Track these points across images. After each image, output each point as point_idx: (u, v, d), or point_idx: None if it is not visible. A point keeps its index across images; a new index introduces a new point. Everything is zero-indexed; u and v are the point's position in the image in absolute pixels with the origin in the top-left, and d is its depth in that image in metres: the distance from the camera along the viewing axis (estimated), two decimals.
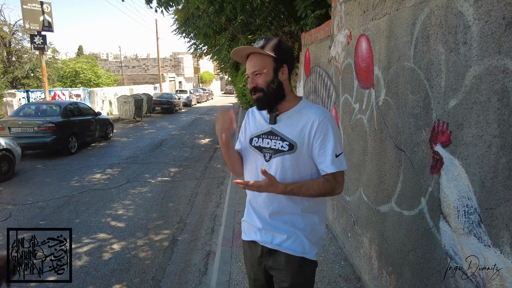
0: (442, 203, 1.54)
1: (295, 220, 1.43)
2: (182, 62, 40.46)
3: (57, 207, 4.91)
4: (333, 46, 3.24)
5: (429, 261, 1.66)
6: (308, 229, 1.44)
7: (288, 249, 1.42)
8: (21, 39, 18.04)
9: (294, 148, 1.38)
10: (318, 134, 1.36)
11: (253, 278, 1.59)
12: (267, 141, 1.43)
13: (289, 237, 1.42)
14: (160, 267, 3.35)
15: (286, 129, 1.41)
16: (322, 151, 1.36)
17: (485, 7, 1.23)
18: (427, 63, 1.63)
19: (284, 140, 1.40)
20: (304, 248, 1.43)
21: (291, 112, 1.43)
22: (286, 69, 1.42)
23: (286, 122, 1.42)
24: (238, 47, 1.42)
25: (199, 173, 6.88)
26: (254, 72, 1.39)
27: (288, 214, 1.43)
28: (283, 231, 1.43)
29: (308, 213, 1.45)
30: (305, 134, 1.37)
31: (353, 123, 2.77)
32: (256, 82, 1.39)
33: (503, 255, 1.19)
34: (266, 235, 1.46)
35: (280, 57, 1.39)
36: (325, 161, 1.35)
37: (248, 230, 1.55)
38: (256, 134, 1.49)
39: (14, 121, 8.29)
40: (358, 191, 2.72)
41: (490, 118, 1.22)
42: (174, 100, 21.41)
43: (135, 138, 11.25)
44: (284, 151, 1.39)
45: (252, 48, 1.39)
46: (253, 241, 1.52)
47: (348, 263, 3.03)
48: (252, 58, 1.41)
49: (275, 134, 1.42)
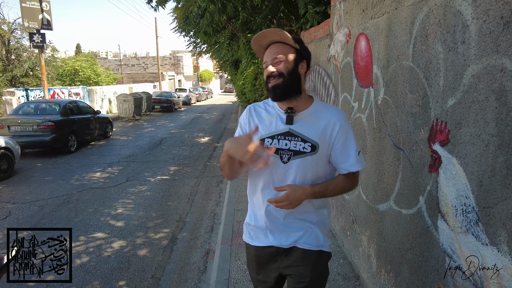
0: (440, 201, 1.54)
1: (309, 217, 1.44)
2: (181, 60, 40.41)
3: (56, 206, 4.91)
4: (332, 45, 3.24)
5: (427, 259, 1.67)
6: (320, 224, 1.47)
7: (305, 244, 1.42)
8: (20, 37, 18.00)
9: (316, 149, 1.35)
10: (339, 136, 1.36)
11: (262, 280, 1.55)
12: (285, 142, 1.36)
13: (305, 232, 1.43)
14: (160, 266, 3.36)
15: (306, 130, 1.36)
16: (344, 151, 1.37)
17: (484, 7, 1.23)
18: (425, 62, 1.63)
19: (306, 141, 1.35)
20: (319, 241, 1.44)
21: (308, 112, 1.39)
22: (305, 65, 1.40)
23: (305, 123, 1.37)
24: (263, 31, 1.35)
25: (199, 172, 6.88)
26: (275, 59, 1.34)
27: (302, 213, 1.43)
28: (298, 229, 1.43)
29: (319, 208, 1.47)
30: (326, 135, 1.36)
31: (352, 122, 2.77)
32: (276, 67, 1.34)
33: (500, 253, 1.19)
34: (280, 236, 1.44)
35: (302, 51, 1.39)
36: (349, 160, 1.38)
37: (256, 234, 1.49)
38: (269, 135, 1.39)
39: (13, 119, 8.28)
40: (357, 190, 2.73)
41: (488, 117, 1.23)
42: (174, 99, 21.39)
43: (134, 137, 11.25)
44: (306, 153, 1.35)
45: (279, 33, 1.34)
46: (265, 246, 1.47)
47: (347, 262, 3.04)
48: (274, 46, 1.36)
49: (294, 135, 1.36)
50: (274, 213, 1.42)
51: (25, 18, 11.97)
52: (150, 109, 18.72)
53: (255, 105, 1.50)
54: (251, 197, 1.51)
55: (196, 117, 17.63)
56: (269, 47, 1.38)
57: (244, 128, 1.48)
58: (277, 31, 1.34)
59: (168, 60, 40.44)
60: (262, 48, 1.40)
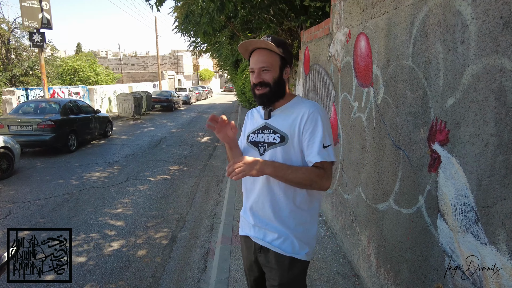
0: (440, 201, 1.55)
1: (287, 220, 1.43)
2: (181, 59, 40.40)
3: (56, 205, 4.92)
4: (332, 44, 3.24)
5: (427, 259, 1.68)
6: (299, 229, 1.45)
7: (278, 248, 1.44)
8: (20, 36, 17.99)
9: (285, 140, 1.40)
10: (307, 126, 1.38)
11: (248, 271, 1.63)
12: (261, 135, 1.47)
13: (280, 236, 1.44)
14: (160, 265, 3.37)
15: (278, 122, 1.45)
16: (311, 142, 1.36)
17: (483, 6, 1.23)
18: (425, 62, 1.63)
19: (276, 132, 1.43)
20: (294, 248, 1.44)
21: (285, 107, 1.48)
22: (288, 70, 1.48)
23: (279, 116, 1.47)
24: (250, 40, 1.43)
25: (199, 171, 6.89)
26: (262, 68, 1.41)
27: (280, 210, 1.44)
28: (275, 230, 1.44)
29: (299, 209, 1.44)
30: (295, 126, 1.40)
31: (352, 122, 2.78)
32: (262, 78, 1.41)
33: (499, 252, 1.19)
34: (259, 232, 1.49)
35: (286, 57, 1.45)
36: (312, 152, 1.35)
37: (244, 225, 1.60)
38: (252, 131, 1.53)
39: (13, 119, 8.28)
40: (356, 189, 2.73)
41: (487, 117, 1.23)
42: (174, 98, 21.38)
43: (134, 136, 11.25)
44: (276, 143, 1.41)
45: (265, 43, 1.40)
46: (247, 236, 1.57)
47: (346, 261, 3.04)
48: (261, 53, 1.42)
49: (268, 128, 1.47)
50: (254, 205, 1.49)
51: (25, 17, 11.95)
52: (150, 108, 18.71)
53: (252, 110, 1.65)
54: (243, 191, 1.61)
55: (196, 117, 17.62)
56: (255, 52, 1.44)
57: (243, 129, 1.63)
58: (261, 42, 1.42)
59: (168, 60, 40.44)
60: (248, 52, 1.48)
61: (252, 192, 1.51)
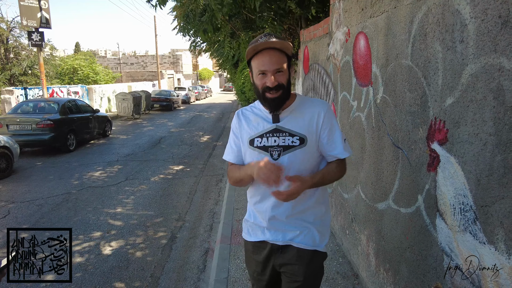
0: (439, 200, 1.55)
1: (307, 216, 1.46)
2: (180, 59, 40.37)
3: (55, 205, 4.91)
4: (331, 44, 3.24)
5: (426, 258, 1.68)
6: (317, 222, 1.48)
7: (300, 243, 1.44)
8: (18, 36, 17.98)
9: (305, 142, 1.39)
10: (325, 125, 1.40)
11: (257, 278, 1.58)
12: (274, 139, 1.40)
13: (301, 232, 1.45)
14: (159, 264, 3.37)
15: (293, 124, 1.40)
16: (331, 139, 1.41)
17: (482, 6, 1.23)
18: (424, 61, 1.63)
19: (293, 135, 1.39)
20: (314, 241, 1.46)
21: (292, 108, 1.43)
22: (291, 70, 1.47)
23: (290, 118, 1.41)
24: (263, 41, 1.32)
25: (198, 171, 6.89)
26: (277, 69, 1.33)
27: (302, 212, 1.44)
28: (295, 228, 1.45)
29: (317, 203, 1.48)
30: (312, 126, 1.40)
31: (351, 121, 2.78)
32: (278, 80, 1.33)
33: (498, 252, 1.20)
34: (276, 233, 1.47)
35: (291, 57, 1.43)
36: (337, 148, 1.41)
37: (254, 231, 1.53)
38: (257, 135, 1.43)
39: (12, 118, 8.26)
40: (356, 189, 2.74)
41: (486, 116, 1.23)
42: (173, 97, 21.37)
43: (133, 136, 11.24)
44: (295, 146, 1.38)
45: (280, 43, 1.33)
46: (261, 241, 1.50)
47: (346, 260, 3.05)
48: (273, 54, 1.33)
49: (281, 131, 1.40)
50: (270, 211, 1.43)
51: (24, 16, 11.93)
52: (149, 107, 18.69)
53: (242, 109, 1.54)
54: (252, 198, 1.53)
55: (195, 116, 17.61)
56: (265, 52, 1.34)
57: (236, 133, 1.51)
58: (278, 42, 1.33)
59: (167, 59, 40.41)
60: (253, 52, 1.36)
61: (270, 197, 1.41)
